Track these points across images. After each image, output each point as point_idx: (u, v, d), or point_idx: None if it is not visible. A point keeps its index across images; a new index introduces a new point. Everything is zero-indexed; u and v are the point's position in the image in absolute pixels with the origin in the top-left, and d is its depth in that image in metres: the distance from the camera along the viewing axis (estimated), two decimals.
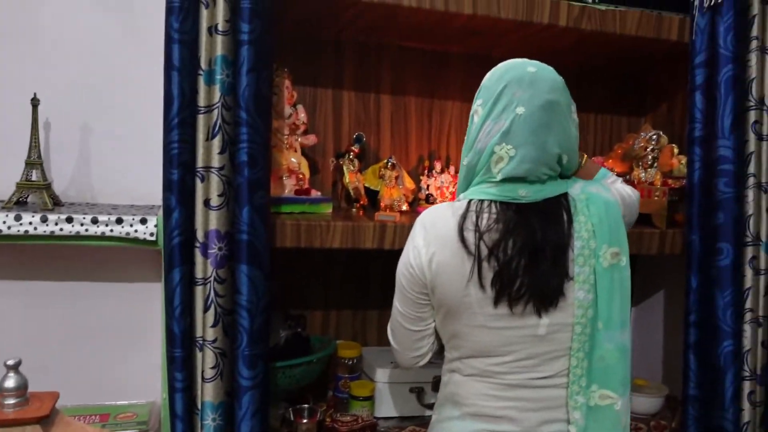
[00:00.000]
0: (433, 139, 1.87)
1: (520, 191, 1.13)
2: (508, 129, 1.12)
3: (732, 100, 1.55)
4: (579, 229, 1.14)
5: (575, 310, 1.13)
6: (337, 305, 1.82)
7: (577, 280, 1.13)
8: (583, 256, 1.13)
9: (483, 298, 1.12)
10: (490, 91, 1.16)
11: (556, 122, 1.14)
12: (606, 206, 1.18)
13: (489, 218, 1.13)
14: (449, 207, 1.17)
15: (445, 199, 1.77)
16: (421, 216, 1.19)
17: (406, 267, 1.18)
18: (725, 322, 1.55)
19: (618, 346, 1.16)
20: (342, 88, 1.78)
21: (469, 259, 1.11)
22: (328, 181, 1.79)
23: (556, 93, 1.15)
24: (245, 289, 1.24)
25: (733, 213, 1.55)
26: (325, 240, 1.41)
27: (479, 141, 1.15)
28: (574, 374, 1.15)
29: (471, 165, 1.18)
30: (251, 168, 1.24)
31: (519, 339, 1.13)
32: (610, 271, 1.15)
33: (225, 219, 1.25)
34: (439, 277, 1.13)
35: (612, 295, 1.15)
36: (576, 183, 1.20)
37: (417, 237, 1.16)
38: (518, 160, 1.12)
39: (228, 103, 1.24)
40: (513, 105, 1.13)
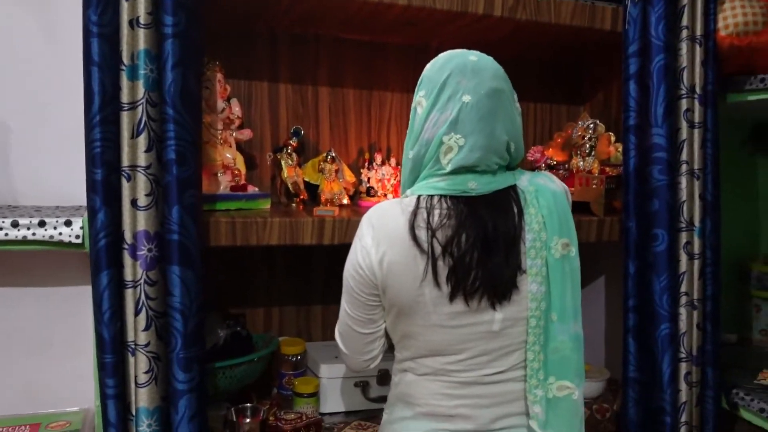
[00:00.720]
0: (373, 131, 1.85)
1: (470, 183, 1.12)
2: (456, 118, 1.11)
3: (664, 89, 1.57)
4: (530, 222, 1.14)
5: (529, 303, 1.13)
6: (279, 301, 1.80)
7: (529, 273, 1.13)
8: (534, 248, 1.13)
9: (438, 296, 1.10)
10: (432, 81, 1.14)
11: (502, 110, 1.14)
12: (554, 197, 1.17)
13: (441, 214, 1.11)
14: (397, 204, 1.15)
15: (387, 192, 1.76)
16: (368, 214, 1.17)
17: (354, 268, 1.15)
18: (662, 306, 1.59)
19: (572, 337, 1.16)
20: (278, 80, 1.74)
21: (422, 258, 1.10)
22: (266, 176, 1.75)
23: (499, 80, 1.15)
24: (177, 290, 1.20)
25: (667, 200, 1.58)
26: (261, 237, 1.38)
27: (425, 132, 1.13)
28: (531, 368, 1.15)
29: (417, 157, 1.16)
30: (180, 166, 1.20)
31: (473, 336, 1.13)
32: (562, 263, 1.15)
33: (154, 219, 1.21)
34: (391, 277, 1.11)
35: (564, 286, 1.15)
36: (523, 175, 1.19)
37: (365, 236, 1.14)
38: (468, 149, 1.11)
39: (153, 100, 1.20)
40: (459, 93, 1.11)
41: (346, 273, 1.17)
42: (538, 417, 1.14)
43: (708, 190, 1.64)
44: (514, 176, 1.18)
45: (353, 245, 1.17)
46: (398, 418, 1.19)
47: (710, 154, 1.64)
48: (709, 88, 1.62)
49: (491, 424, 1.15)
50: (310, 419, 1.48)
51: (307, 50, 1.76)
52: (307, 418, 1.48)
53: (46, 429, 1.37)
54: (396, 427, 1.19)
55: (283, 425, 1.44)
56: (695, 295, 1.63)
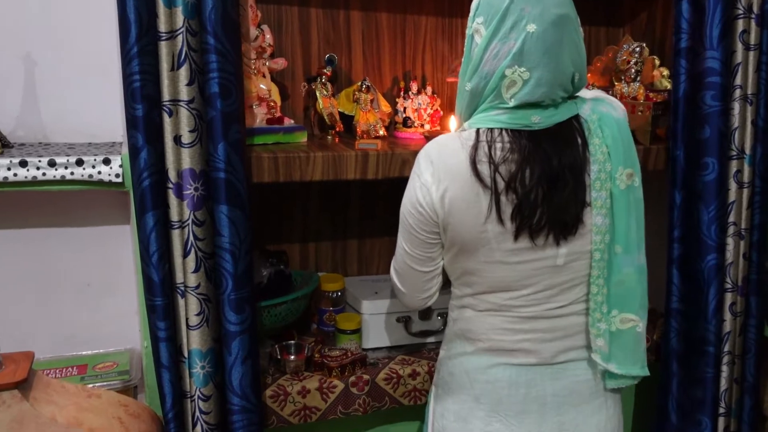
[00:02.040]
0: (408, 58, 1.76)
1: (533, 117, 1.07)
2: (520, 49, 1.04)
3: (721, 9, 1.48)
4: (594, 152, 1.10)
5: (593, 236, 1.11)
6: (315, 237, 1.76)
7: (594, 205, 1.10)
8: (599, 180, 1.10)
9: (502, 232, 1.07)
10: (492, 6, 1.06)
11: (568, 39, 1.07)
12: (618, 125, 1.13)
13: (503, 148, 1.06)
14: (456, 138, 1.10)
15: (424, 122, 1.69)
16: (425, 148, 1.12)
17: (413, 206, 1.10)
18: (710, 237, 1.55)
19: (637, 269, 1.15)
20: (309, 5, 1.64)
21: (485, 194, 1.06)
22: (299, 107, 1.68)
23: (565, 5, 1.08)
24: (226, 231, 1.16)
25: (719, 127, 1.51)
26: (305, 173, 1.33)
27: (485, 63, 1.07)
28: (594, 301, 1.13)
29: (476, 90, 1.09)
30: (224, 100, 1.13)
31: (537, 272, 1.10)
32: (627, 193, 1.12)
33: (199, 157, 1.15)
34: (453, 214, 1.07)
35: (629, 217, 1.12)
36: (584, 103, 1.14)
37: (424, 172, 1.09)
38: (533, 84, 1.05)
39: (193, 28, 1.12)
40: (523, 22, 1.04)
41: (404, 210, 1.13)
42: (601, 350, 1.14)
43: (760, 116, 1.57)
44: (576, 105, 1.12)
45: (411, 182, 1.12)
46: (458, 353, 1.17)
47: (764, 78, 1.56)
48: (767, 7, 1.53)
49: (553, 358, 1.14)
50: (354, 355, 1.47)
51: None
52: (352, 355, 1.47)
53: (94, 370, 1.36)
54: (455, 362, 1.18)
55: (329, 362, 1.43)
56: (743, 224, 1.59)
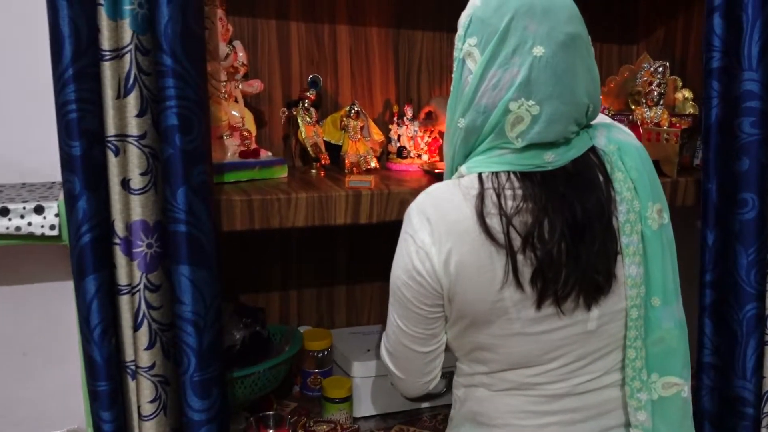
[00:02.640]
0: (401, 78, 1.55)
1: (546, 156, 0.87)
2: (527, 78, 0.84)
3: (761, 24, 1.30)
4: (620, 190, 0.90)
5: (628, 291, 0.91)
6: (297, 284, 1.53)
7: (626, 253, 0.90)
8: (629, 222, 0.90)
9: (521, 299, 0.86)
10: (488, 25, 0.86)
11: (582, 63, 0.88)
12: (639, 154, 0.94)
13: (514, 196, 0.86)
14: (455, 186, 0.89)
15: (421, 152, 1.48)
16: (417, 202, 0.91)
17: (409, 275, 0.89)
18: (749, 283, 1.35)
19: (677, 323, 0.96)
20: (288, 17, 1.43)
21: (499, 254, 0.85)
22: (277, 135, 1.46)
23: (575, 23, 0.88)
24: (188, 297, 0.93)
25: (759, 158, 1.32)
26: (285, 218, 1.10)
27: (482, 95, 0.87)
28: (633, 368, 0.93)
29: (472, 128, 0.89)
30: (184, 134, 0.91)
31: (565, 341, 0.90)
32: (659, 234, 0.93)
33: (153, 205, 0.93)
34: (462, 282, 0.86)
35: (665, 262, 0.94)
36: (597, 131, 0.94)
37: (420, 232, 0.88)
38: (545, 121, 0.85)
39: (144, 45, 0.90)
40: (527, 44, 0.84)
41: (398, 281, 0.91)
42: (644, 425, 0.94)
43: None
44: (589, 136, 0.93)
45: (402, 245, 0.91)
46: None
47: None
48: None
49: None
50: (345, 430, 1.24)
51: None
52: (343, 429, 1.24)
53: None
54: None
55: None
56: None
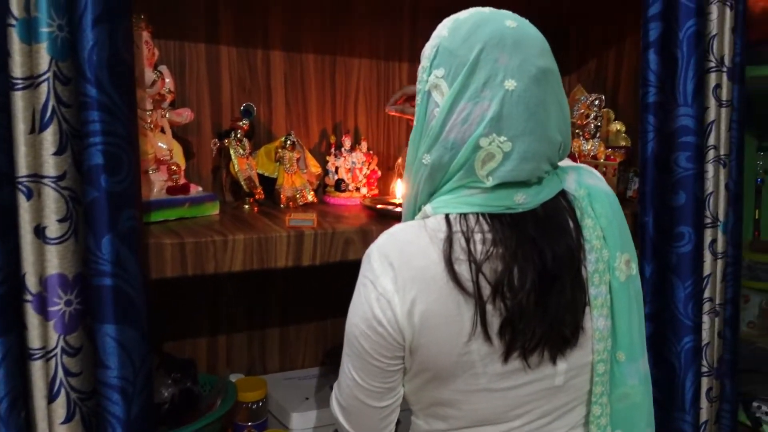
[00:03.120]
0: (338, 107, 1.48)
1: (517, 197, 0.82)
2: (498, 113, 0.80)
3: (695, 61, 1.32)
4: (589, 238, 0.86)
5: (595, 345, 0.86)
6: (227, 327, 1.42)
7: (594, 306, 0.86)
8: (598, 272, 0.86)
9: (489, 353, 0.80)
10: (457, 56, 0.82)
11: (553, 98, 0.84)
12: (609, 201, 0.90)
13: (483, 240, 0.80)
14: (421, 228, 0.83)
15: (359, 185, 1.41)
16: (379, 244, 0.83)
17: (368, 324, 0.81)
18: (686, 316, 1.36)
19: (642, 379, 0.92)
20: (218, 41, 1.33)
21: (467, 304, 0.79)
22: (206, 167, 1.35)
23: (547, 57, 0.85)
24: (114, 360, 0.81)
25: (695, 192, 1.34)
26: (221, 262, 1.00)
27: (451, 130, 0.82)
28: (598, 425, 0.89)
29: (439, 165, 0.84)
30: (111, 175, 0.80)
31: (532, 397, 0.85)
32: (627, 286, 0.89)
33: (73, 256, 0.80)
34: (426, 333, 0.79)
35: (631, 315, 0.89)
36: (566, 173, 0.90)
37: (381, 278, 0.80)
38: (517, 158, 0.80)
39: (65, 74, 0.78)
40: (498, 77, 0.80)
41: (355, 330, 0.83)
42: None
43: (732, 179, 1.42)
44: (559, 178, 0.89)
45: (361, 290, 0.83)
46: None
47: (735, 137, 1.42)
48: (737, 60, 1.39)
49: None
50: None
51: (254, 2, 1.35)
52: None
53: None
54: None
55: None
56: (717, 299, 1.43)
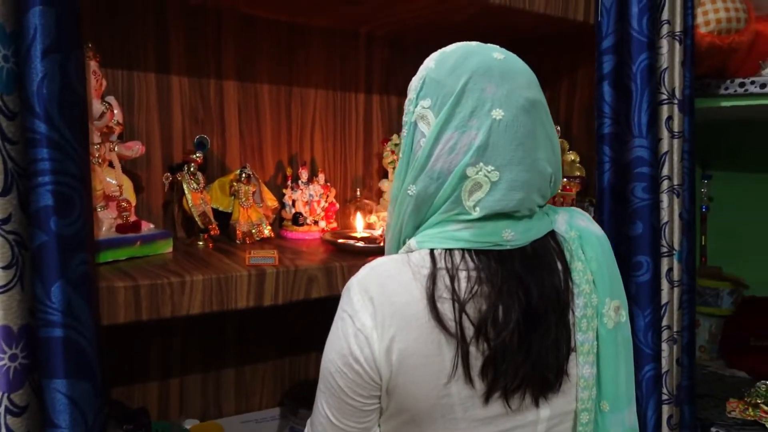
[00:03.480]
0: (294, 138, 1.44)
1: (505, 233, 0.80)
2: (485, 142, 0.78)
3: (648, 93, 1.35)
4: (579, 282, 0.84)
5: (579, 393, 0.84)
6: (179, 369, 1.34)
7: (580, 352, 0.84)
8: (586, 318, 0.84)
9: (469, 396, 0.77)
10: (444, 86, 0.81)
11: (542, 130, 0.83)
12: (600, 245, 0.89)
13: (468, 278, 0.78)
14: (404, 263, 0.80)
15: (317, 218, 1.37)
16: (359, 278, 0.80)
17: (344, 361, 0.77)
18: (647, 345, 1.37)
19: (626, 431, 0.89)
20: (169, 71, 1.28)
21: (449, 344, 0.76)
22: (156, 202, 1.28)
23: (534, 89, 0.84)
24: (65, 417, 0.74)
25: (651, 222, 1.36)
26: (178, 305, 0.94)
27: (437, 159, 0.80)
28: None
29: (424, 195, 0.82)
30: (62, 217, 0.74)
31: None
32: (615, 333, 0.87)
33: (18, 307, 0.73)
34: (405, 373, 0.76)
35: (617, 364, 0.87)
36: (558, 214, 0.89)
37: (360, 313, 0.77)
38: (505, 187, 0.79)
39: (10, 108, 0.72)
40: (486, 106, 0.79)
41: (330, 367, 0.79)
42: None
43: (685, 208, 1.45)
44: (549, 217, 0.87)
45: (339, 325, 0.79)
46: None
47: (687, 168, 1.45)
48: (687, 92, 1.43)
49: None
50: None
51: (206, 29, 1.31)
52: None
53: None
54: None
55: None
56: (675, 327, 1.44)
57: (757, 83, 1.43)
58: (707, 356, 1.90)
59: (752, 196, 2.01)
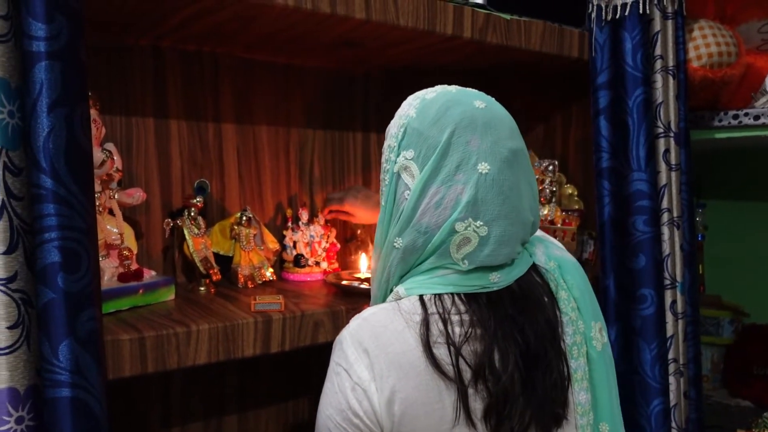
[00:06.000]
0: (293, 179, 1.44)
1: (492, 276, 0.81)
2: (473, 197, 0.79)
3: (646, 127, 1.36)
4: (565, 310, 0.85)
5: (578, 420, 0.84)
6: (180, 419, 1.31)
7: (575, 379, 0.84)
8: (576, 344, 0.84)
9: None
10: (426, 138, 0.81)
11: (524, 179, 0.84)
12: (578, 271, 0.90)
13: (461, 321, 0.78)
14: (395, 311, 0.79)
15: (319, 259, 1.36)
16: (351, 331, 0.79)
17: (344, 416, 0.76)
18: (654, 379, 1.36)
19: None
20: (167, 116, 1.27)
21: (448, 389, 0.76)
22: (155, 248, 1.26)
23: (516, 138, 0.85)
24: None
25: (653, 255, 1.36)
26: (185, 355, 0.92)
27: (424, 214, 0.80)
28: None
29: (413, 248, 0.82)
30: (69, 272, 0.72)
31: None
32: (602, 355, 0.87)
33: (25, 367, 0.71)
34: (407, 423, 0.75)
35: (609, 385, 0.88)
36: (534, 246, 0.89)
37: (356, 366, 0.76)
38: (494, 243, 0.79)
39: (15, 164, 0.71)
40: (471, 160, 0.79)
41: (328, 423, 0.78)
42: None
43: (685, 240, 1.45)
44: (529, 253, 0.88)
45: (334, 380, 0.78)
46: None
47: (686, 199, 1.46)
48: (682, 125, 1.44)
49: None
50: None
51: (203, 74, 1.31)
52: None
53: None
54: None
55: None
56: (681, 359, 1.44)
57: (751, 115, 1.45)
58: (710, 386, 1.89)
59: (746, 223, 2.02)
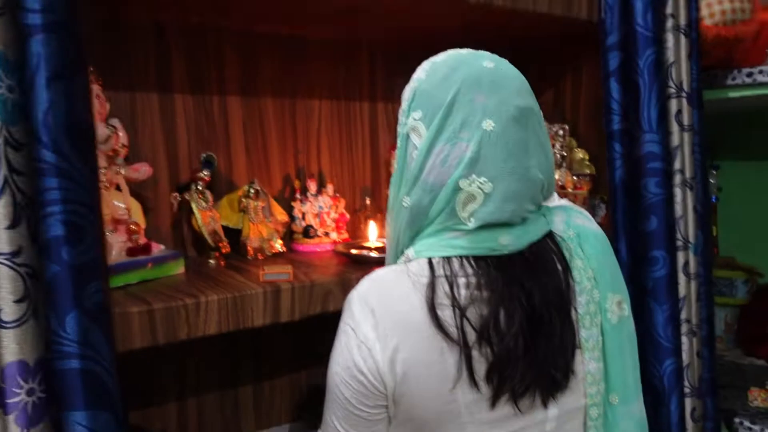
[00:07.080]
0: (301, 150, 1.43)
1: (501, 239, 0.80)
2: (476, 154, 0.78)
3: (657, 88, 1.33)
4: (579, 279, 0.84)
5: (587, 389, 0.84)
6: (195, 389, 1.33)
7: (585, 348, 0.84)
8: (589, 314, 0.84)
9: (475, 400, 0.78)
10: (433, 98, 0.80)
11: (534, 138, 0.83)
12: (599, 242, 0.89)
13: (467, 284, 0.78)
14: (402, 273, 0.80)
15: (328, 229, 1.36)
16: (359, 290, 0.80)
17: (350, 373, 0.78)
18: (666, 339, 1.36)
19: (637, 423, 0.89)
20: (172, 90, 1.26)
21: (451, 350, 0.76)
22: (164, 222, 1.27)
23: (526, 96, 0.83)
24: None
25: (665, 216, 1.35)
26: (194, 326, 0.93)
27: (430, 172, 0.80)
28: None
29: (420, 207, 0.81)
30: (73, 246, 0.72)
31: None
32: (619, 328, 0.87)
33: (33, 340, 0.72)
34: (409, 382, 0.76)
35: (624, 357, 0.87)
36: (554, 215, 0.88)
37: (362, 325, 0.77)
38: (499, 199, 0.79)
39: (16, 138, 0.71)
40: (476, 117, 0.78)
41: (336, 378, 0.80)
42: None
43: (699, 201, 1.43)
44: (546, 220, 0.87)
45: (342, 338, 0.80)
46: None
47: (698, 161, 1.43)
48: (695, 85, 1.41)
49: None
50: None
51: (206, 48, 1.30)
52: None
53: None
54: None
55: None
56: (693, 320, 1.43)
57: (765, 72, 1.41)
58: (724, 346, 1.89)
59: (761, 185, 1.99)
